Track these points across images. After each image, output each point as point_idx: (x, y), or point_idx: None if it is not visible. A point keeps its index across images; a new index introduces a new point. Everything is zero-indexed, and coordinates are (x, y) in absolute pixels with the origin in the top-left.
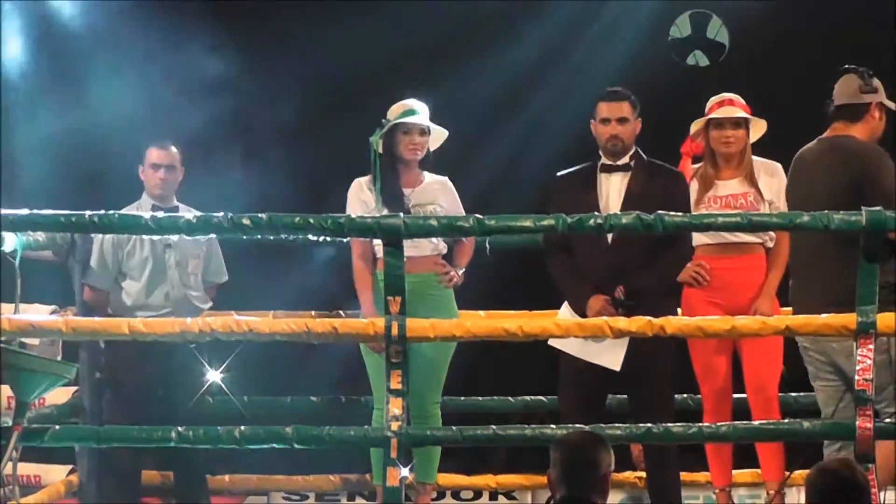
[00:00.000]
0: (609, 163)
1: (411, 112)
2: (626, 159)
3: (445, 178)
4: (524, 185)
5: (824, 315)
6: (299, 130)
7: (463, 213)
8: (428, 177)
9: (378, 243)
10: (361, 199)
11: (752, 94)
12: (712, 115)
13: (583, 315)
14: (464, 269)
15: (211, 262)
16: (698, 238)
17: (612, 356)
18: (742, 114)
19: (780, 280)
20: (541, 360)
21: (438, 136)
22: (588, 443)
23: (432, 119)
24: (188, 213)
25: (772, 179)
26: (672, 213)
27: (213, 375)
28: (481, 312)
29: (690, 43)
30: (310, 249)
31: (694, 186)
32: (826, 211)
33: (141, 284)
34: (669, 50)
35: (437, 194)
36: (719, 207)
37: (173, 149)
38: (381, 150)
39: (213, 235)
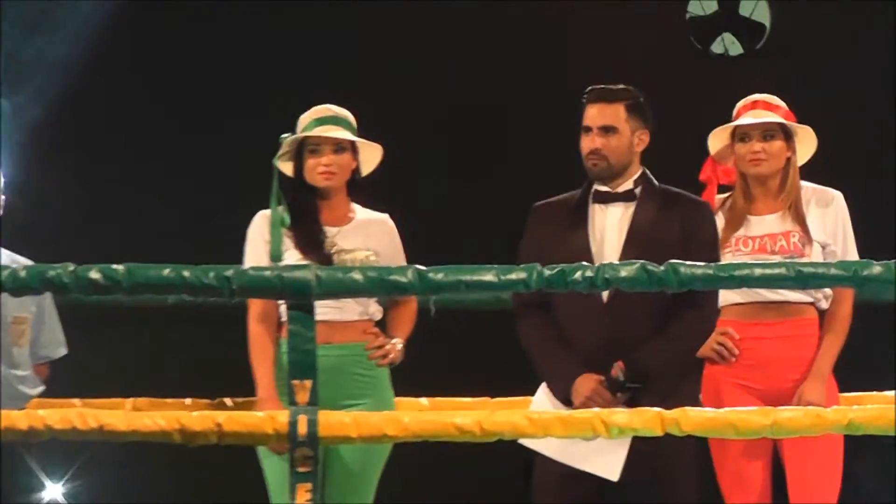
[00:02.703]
0: (605, 189)
1: (324, 121)
2: (628, 184)
3: (385, 217)
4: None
5: None
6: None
7: (404, 264)
8: (360, 212)
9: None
10: (265, 239)
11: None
12: (735, 123)
13: (566, 402)
14: (403, 342)
15: (43, 328)
16: (725, 295)
17: (607, 461)
18: (775, 118)
19: (839, 354)
20: (508, 464)
21: (370, 154)
22: None
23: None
24: (13, 263)
25: (825, 213)
26: (691, 262)
27: (51, 490)
28: (424, 400)
29: (717, 24)
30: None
31: (719, 223)
32: None
33: None
34: (688, 33)
35: (370, 237)
36: (750, 251)
37: None
38: (291, 175)
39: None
